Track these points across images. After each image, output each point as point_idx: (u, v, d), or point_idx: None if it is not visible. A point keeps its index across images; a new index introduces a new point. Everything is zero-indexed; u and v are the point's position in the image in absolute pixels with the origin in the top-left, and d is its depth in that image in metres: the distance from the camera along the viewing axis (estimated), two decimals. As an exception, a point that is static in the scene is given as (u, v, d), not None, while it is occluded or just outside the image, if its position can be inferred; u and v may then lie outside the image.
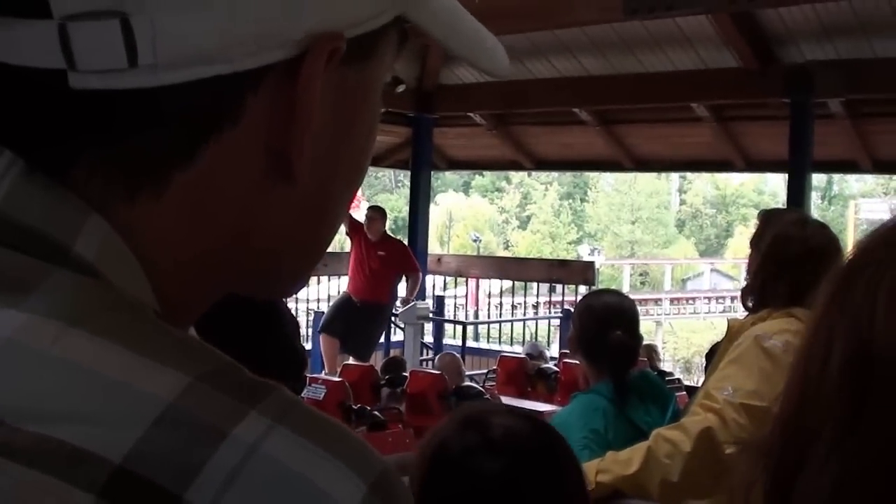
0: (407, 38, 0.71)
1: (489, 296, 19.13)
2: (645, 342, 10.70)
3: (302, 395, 6.44)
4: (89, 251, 0.57)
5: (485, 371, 9.93)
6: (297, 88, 0.61)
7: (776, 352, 3.20)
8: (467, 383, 7.86)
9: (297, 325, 5.38)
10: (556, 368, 8.54)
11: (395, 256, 11.74)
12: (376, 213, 11.92)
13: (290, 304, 14.82)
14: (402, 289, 12.22)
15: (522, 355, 9.50)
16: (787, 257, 3.42)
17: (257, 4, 0.58)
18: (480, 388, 7.71)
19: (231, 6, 0.57)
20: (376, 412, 6.95)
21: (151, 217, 0.59)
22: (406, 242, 13.01)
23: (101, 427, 0.50)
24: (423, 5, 0.70)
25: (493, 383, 8.79)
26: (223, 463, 0.50)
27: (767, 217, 4.13)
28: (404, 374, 8.05)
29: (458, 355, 9.27)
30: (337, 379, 7.26)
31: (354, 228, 11.43)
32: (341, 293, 12.02)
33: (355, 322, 11.49)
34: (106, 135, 0.57)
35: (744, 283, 3.76)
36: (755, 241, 3.80)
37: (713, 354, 3.80)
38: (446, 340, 13.88)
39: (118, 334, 0.53)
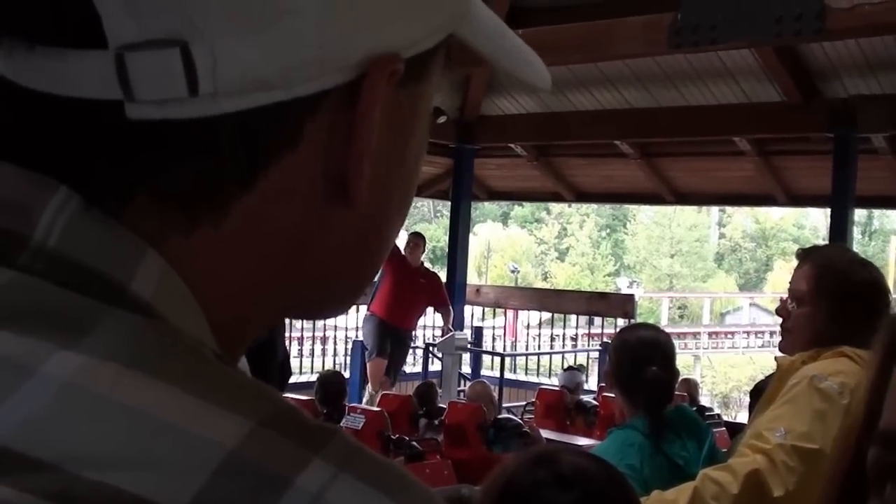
0: (451, 57, 0.70)
1: (527, 327, 19.11)
2: (684, 377, 10.66)
3: (341, 424, 6.48)
4: (146, 290, 0.55)
5: (523, 403, 9.90)
6: (357, 112, 0.60)
7: (832, 393, 3.15)
8: (506, 415, 7.88)
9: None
10: (595, 402, 8.51)
11: (432, 287, 11.83)
12: (420, 239, 11.96)
13: (329, 333, 14.94)
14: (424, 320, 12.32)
15: (559, 387, 9.47)
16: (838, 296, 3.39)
17: (317, 29, 0.57)
18: (519, 421, 7.68)
19: (291, 32, 0.56)
20: (414, 443, 6.99)
21: (208, 247, 0.59)
22: (445, 272, 13.04)
23: (161, 475, 0.48)
24: (472, 23, 0.69)
25: (532, 416, 8.75)
26: None
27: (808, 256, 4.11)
28: (440, 405, 8.07)
29: (488, 384, 9.26)
30: (376, 409, 7.32)
31: (392, 254, 11.40)
32: (368, 316, 11.96)
33: (391, 346, 11.57)
34: (163, 165, 0.56)
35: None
36: None
37: (758, 392, 3.75)
38: (483, 371, 13.87)
39: (177, 377, 0.52)
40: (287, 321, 13.90)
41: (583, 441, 7.34)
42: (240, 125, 0.56)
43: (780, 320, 3.57)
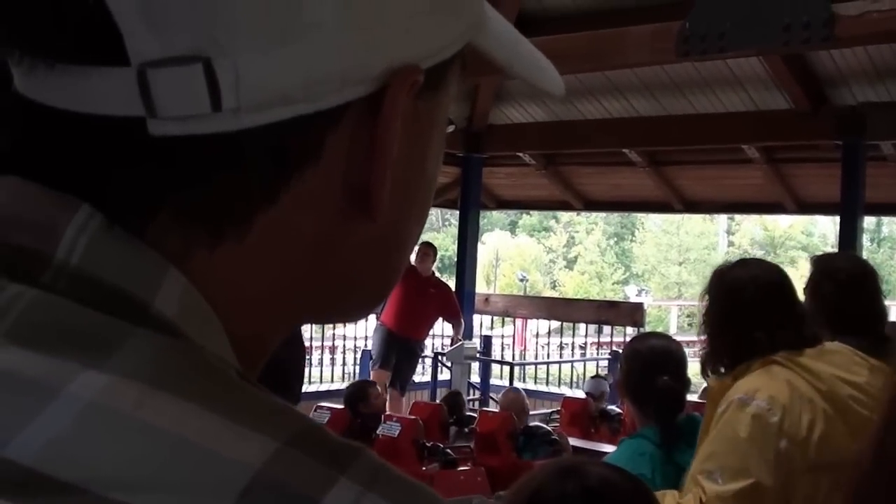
0: (467, 67, 0.70)
1: (536, 336, 19.08)
2: (706, 385, 10.60)
3: (378, 431, 6.86)
4: (169, 308, 0.55)
5: (548, 412, 10.01)
6: (379, 124, 0.60)
7: (761, 413, 3.06)
8: (536, 423, 8.02)
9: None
10: (619, 410, 8.56)
11: (443, 297, 11.83)
12: (430, 248, 11.98)
13: (338, 342, 14.94)
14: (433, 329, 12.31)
15: (584, 395, 9.54)
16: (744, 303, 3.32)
17: (339, 43, 0.57)
18: (549, 429, 7.78)
19: (313, 46, 0.56)
20: (448, 450, 7.20)
21: (232, 261, 0.59)
22: (454, 282, 13.03)
23: (188, 496, 0.48)
24: (488, 31, 0.70)
25: (556, 424, 8.85)
26: None
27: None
28: (469, 413, 8.32)
29: (522, 392, 9.40)
30: (411, 417, 7.48)
31: None
32: (377, 326, 11.98)
33: (398, 356, 11.56)
34: (186, 181, 0.56)
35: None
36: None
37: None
38: (492, 381, 13.86)
39: (201, 397, 0.52)
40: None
41: (608, 448, 7.39)
42: (262, 139, 0.56)
43: None
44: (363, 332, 13.77)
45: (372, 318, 12.40)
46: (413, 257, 11.57)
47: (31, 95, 0.57)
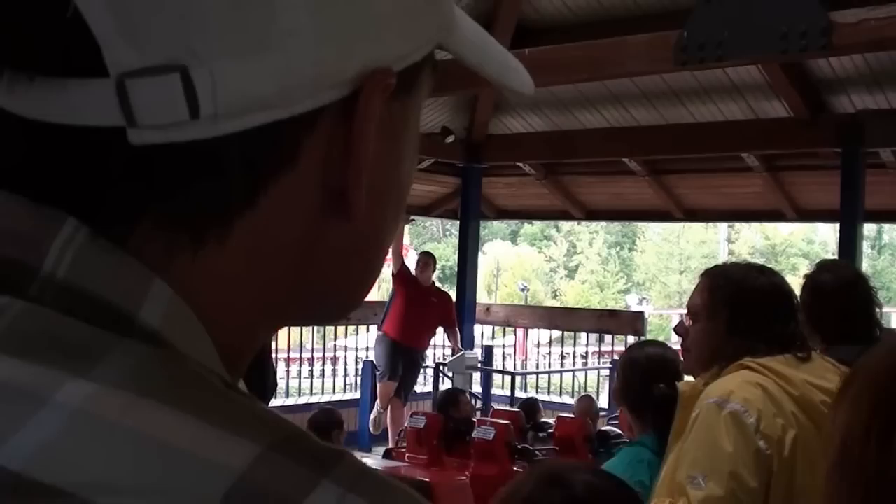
0: (437, 69, 0.71)
1: (537, 345, 19.05)
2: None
3: (473, 434, 7.48)
4: (153, 318, 0.56)
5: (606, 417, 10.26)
6: (353, 126, 0.62)
7: (738, 414, 3.04)
8: (607, 427, 8.52)
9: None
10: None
11: (443, 306, 11.84)
12: (429, 258, 12.02)
13: (339, 353, 14.91)
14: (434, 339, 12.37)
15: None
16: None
17: (312, 47, 0.58)
18: (620, 432, 7.99)
19: (287, 50, 0.57)
20: (537, 452, 7.72)
21: (213, 268, 0.60)
22: (455, 292, 13.01)
23: (173, 500, 0.49)
24: (457, 34, 0.71)
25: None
26: None
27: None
28: (544, 419, 8.94)
29: (594, 399, 9.85)
30: (503, 422, 7.88)
31: (402, 274, 11.48)
32: (380, 337, 11.97)
33: (402, 366, 11.58)
34: (167, 189, 0.57)
35: None
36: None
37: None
38: (494, 391, 13.83)
39: (186, 404, 0.53)
40: (297, 343, 13.95)
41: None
42: (240, 144, 0.57)
43: None
44: (364, 342, 13.74)
45: (373, 328, 12.42)
46: (413, 267, 11.58)
47: (11, 109, 0.58)
